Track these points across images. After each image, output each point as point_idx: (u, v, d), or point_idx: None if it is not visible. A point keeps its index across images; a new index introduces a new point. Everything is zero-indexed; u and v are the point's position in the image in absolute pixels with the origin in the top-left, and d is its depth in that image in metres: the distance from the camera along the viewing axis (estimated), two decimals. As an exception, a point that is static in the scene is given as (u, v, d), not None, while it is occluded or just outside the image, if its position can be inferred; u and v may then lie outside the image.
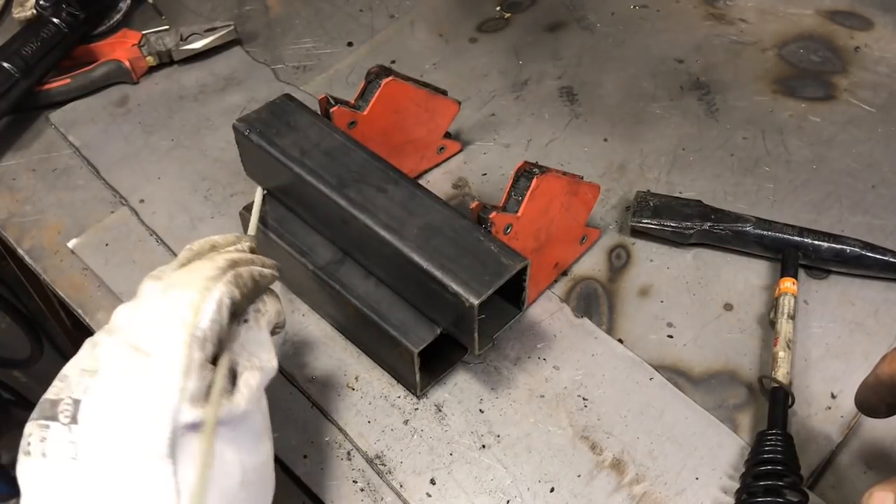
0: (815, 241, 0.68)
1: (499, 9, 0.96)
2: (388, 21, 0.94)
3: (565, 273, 0.70)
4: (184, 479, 0.41)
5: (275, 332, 0.52)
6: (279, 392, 0.63)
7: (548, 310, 0.67)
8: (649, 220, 0.71)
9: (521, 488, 0.57)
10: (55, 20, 0.84)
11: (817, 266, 0.69)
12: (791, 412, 0.59)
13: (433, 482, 0.58)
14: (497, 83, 0.87)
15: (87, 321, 0.69)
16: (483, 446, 0.60)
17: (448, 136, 0.78)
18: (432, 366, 0.62)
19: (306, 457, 0.60)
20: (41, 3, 0.84)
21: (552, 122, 0.83)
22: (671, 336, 0.66)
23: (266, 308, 0.50)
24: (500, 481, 0.58)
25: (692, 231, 0.70)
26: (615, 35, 0.92)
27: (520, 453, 0.59)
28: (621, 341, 0.65)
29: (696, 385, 0.63)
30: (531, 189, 0.59)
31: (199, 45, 0.88)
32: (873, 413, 0.52)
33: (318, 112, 0.66)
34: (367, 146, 0.63)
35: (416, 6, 0.96)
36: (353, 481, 0.58)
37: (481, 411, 0.62)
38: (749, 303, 0.68)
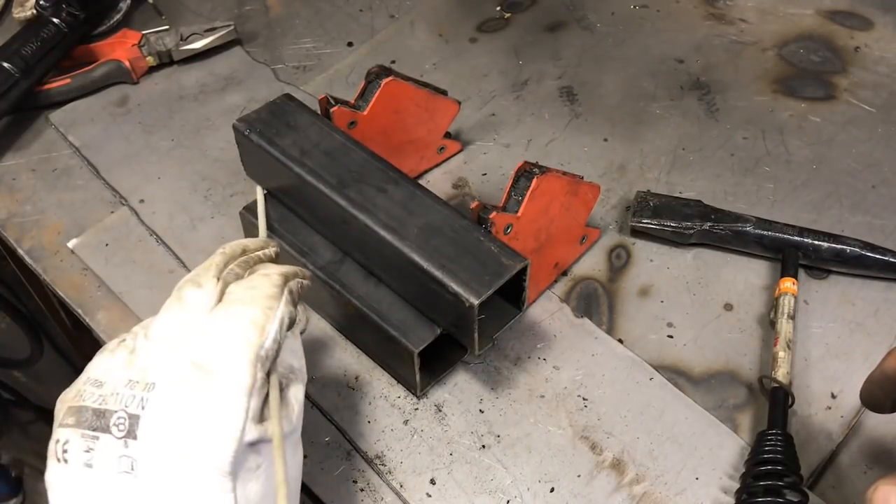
0: (816, 241, 0.68)
1: (499, 9, 0.96)
2: (388, 21, 0.94)
3: (565, 273, 0.70)
4: (243, 497, 0.41)
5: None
6: (279, 392, 0.63)
7: (548, 310, 0.67)
8: (649, 220, 0.71)
9: (521, 488, 0.57)
10: (55, 20, 0.84)
11: (817, 266, 0.69)
12: (791, 412, 0.59)
13: (433, 482, 0.58)
14: (497, 83, 0.87)
15: (87, 321, 0.69)
16: (483, 446, 0.60)
17: (448, 136, 0.78)
18: (432, 366, 0.62)
19: (306, 457, 0.59)
20: (41, 3, 0.84)
21: (552, 122, 0.83)
22: (671, 336, 0.66)
23: (300, 317, 0.50)
24: (500, 481, 0.58)
25: (692, 231, 0.70)
26: (615, 35, 0.92)
27: (520, 453, 0.59)
28: (621, 341, 0.65)
29: (696, 385, 0.63)
30: (531, 189, 0.59)
31: (199, 45, 0.88)
32: (878, 408, 0.52)
33: (318, 112, 0.66)
34: (367, 146, 0.63)
35: (416, 6, 0.96)
36: (353, 481, 0.58)
37: (481, 411, 0.62)
38: (749, 303, 0.68)
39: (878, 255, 0.67)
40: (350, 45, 0.92)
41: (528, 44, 0.91)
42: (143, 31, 0.88)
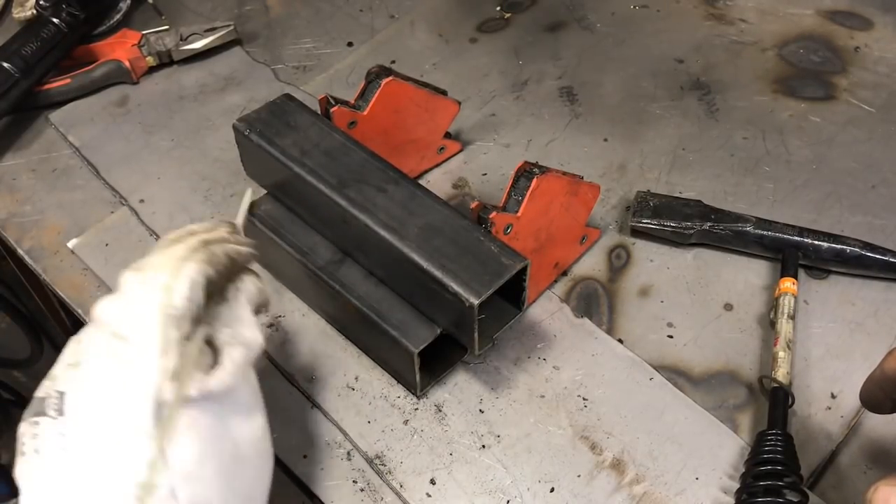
0: (815, 241, 0.68)
1: (499, 9, 0.96)
2: (388, 21, 0.94)
3: (565, 273, 0.70)
4: (174, 455, 0.41)
5: (259, 311, 0.52)
6: (279, 392, 0.63)
7: (548, 310, 0.67)
8: (649, 220, 0.71)
9: (521, 488, 0.57)
10: (55, 20, 0.84)
11: (817, 266, 0.69)
12: (791, 412, 0.59)
13: (433, 482, 0.58)
14: (497, 83, 0.87)
15: (87, 321, 0.69)
16: (483, 446, 0.60)
17: (448, 136, 0.78)
18: (432, 366, 0.62)
19: (306, 457, 0.59)
20: (41, 3, 0.84)
21: (552, 122, 0.83)
22: (671, 336, 0.66)
23: (246, 286, 0.50)
24: (500, 481, 0.58)
25: (692, 231, 0.70)
26: (615, 35, 0.92)
27: (520, 453, 0.59)
28: (621, 341, 0.65)
29: (696, 385, 0.63)
30: (531, 189, 0.59)
31: (199, 45, 0.88)
32: (878, 409, 0.52)
33: (318, 112, 0.66)
34: (367, 146, 0.63)
35: (416, 6, 0.96)
36: (353, 481, 0.58)
37: (481, 411, 0.62)
38: (749, 303, 0.68)
39: (878, 255, 0.67)
40: (350, 45, 0.92)
41: (528, 44, 0.91)
42: (143, 31, 0.88)
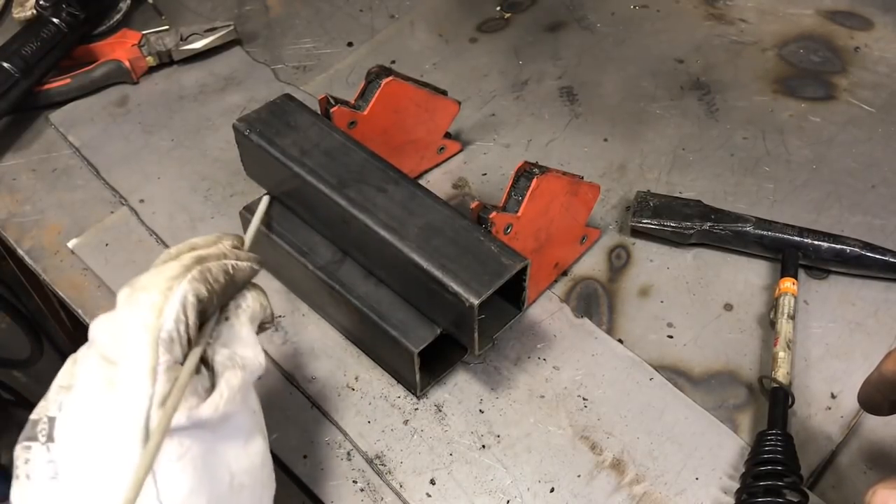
0: (815, 241, 0.68)
1: (499, 9, 0.96)
2: (388, 21, 0.94)
3: (565, 273, 0.70)
4: (166, 488, 0.39)
5: (264, 327, 0.51)
6: (279, 392, 0.63)
7: (548, 310, 0.67)
8: (649, 220, 0.71)
9: (521, 488, 0.57)
10: (55, 20, 0.84)
11: (817, 266, 0.69)
12: (791, 412, 0.59)
13: (433, 482, 0.58)
14: (497, 83, 0.87)
15: (87, 321, 0.69)
16: (483, 446, 0.60)
17: (448, 136, 0.78)
18: (432, 366, 0.62)
19: (306, 457, 0.60)
20: (41, 3, 0.84)
21: (552, 122, 0.83)
22: (671, 336, 0.66)
23: (248, 304, 0.48)
24: (500, 481, 0.58)
25: (692, 231, 0.70)
26: (615, 35, 0.92)
27: (520, 453, 0.59)
28: (621, 341, 0.65)
29: (696, 385, 0.63)
30: (531, 189, 0.59)
31: (199, 45, 0.88)
32: (876, 410, 0.52)
33: (318, 112, 0.66)
34: (367, 146, 0.63)
35: (416, 6, 0.96)
36: (353, 481, 0.58)
37: (481, 411, 0.62)
38: (749, 303, 0.68)
39: (878, 255, 0.67)
40: (350, 45, 0.92)
41: (528, 44, 0.91)
42: (143, 31, 0.88)
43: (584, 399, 0.62)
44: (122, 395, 0.40)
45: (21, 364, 1.24)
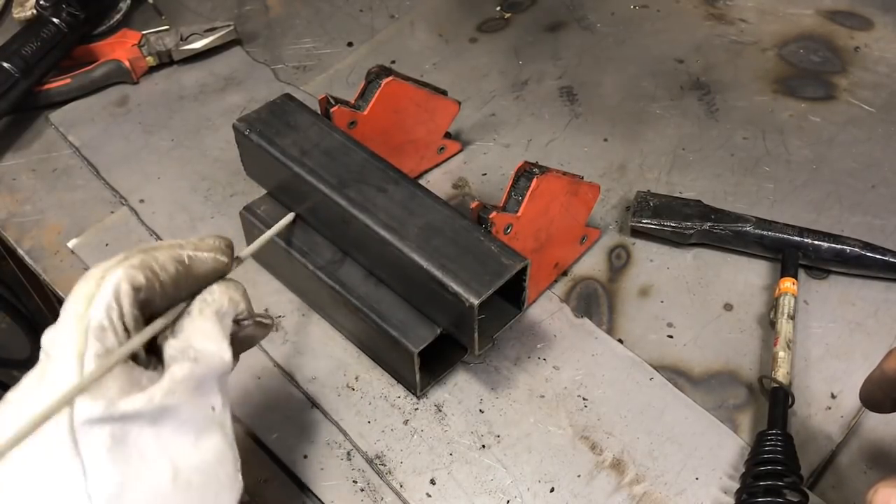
0: (815, 241, 0.68)
1: (499, 9, 0.96)
2: (388, 21, 0.94)
3: (565, 273, 0.70)
4: (95, 480, 0.38)
5: (241, 324, 0.49)
6: (279, 392, 0.63)
7: (548, 310, 0.67)
8: (649, 220, 0.71)
9: (521, 488, 0.57)
10: (55, 20, 0.84)
11: (817, 266, 0.69)
12: (791, 412, 0.59)
13: (433, 482, 0.58)
14: (497, 83, 0.87)
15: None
16: (483, 446, 0.60)
17: (448, 136, 0.78)
18: (432, 366, 0.62)
19: (306, 457, 0.60)
20: (41, 3, 0.84)
21: (552, 122, 0.83)
22: (671, 336, 0.66)
23: (214, 297, 0.47)
24: (500, 481, 0.58)
25: (692, 231, 0.70)
26: (615, 35, 0.92)
27: (520, 453, 0.59)
28: (621, 341, 0.65)
29: (696, 385, 0.63)
30: (531, 189, 0.59)
31: (199, 45, 0.88)
32: (878, 408, 0.52)
33: (318, 112, 0.66)
34: (367, 146, 0.63)
35: (416, 6, 0.96)
36: (353, 481, 0.58)
37: (481, 411, 0.62)
38: (749, 303, 0.68)
39: (878, 255, 0.67)
40: (350, 45, 0.92)
41: (528, 44, 0.91)
42: (143, 31, 0.88)
43: (584, 399, 0.62)
44: (49, 382, 0.39)
45: (21, 364, 1.24)
